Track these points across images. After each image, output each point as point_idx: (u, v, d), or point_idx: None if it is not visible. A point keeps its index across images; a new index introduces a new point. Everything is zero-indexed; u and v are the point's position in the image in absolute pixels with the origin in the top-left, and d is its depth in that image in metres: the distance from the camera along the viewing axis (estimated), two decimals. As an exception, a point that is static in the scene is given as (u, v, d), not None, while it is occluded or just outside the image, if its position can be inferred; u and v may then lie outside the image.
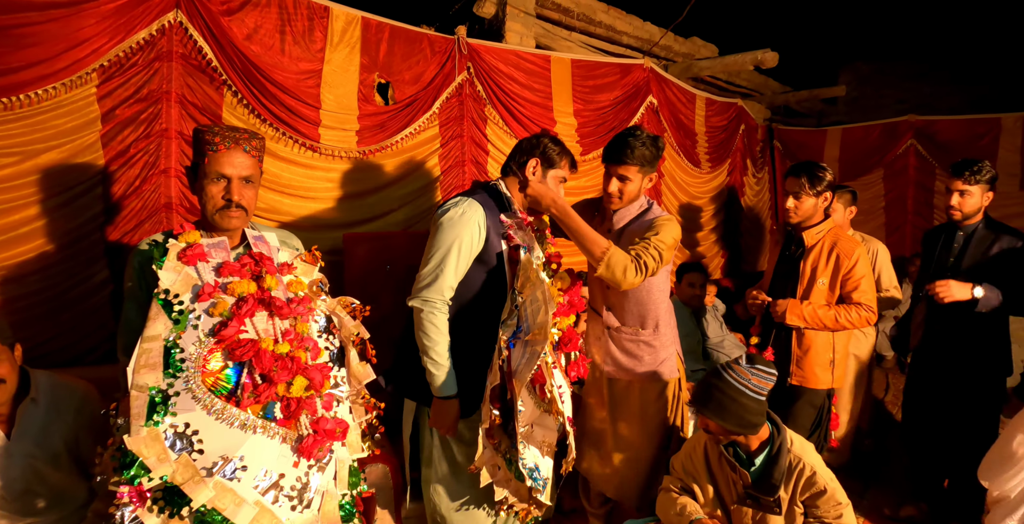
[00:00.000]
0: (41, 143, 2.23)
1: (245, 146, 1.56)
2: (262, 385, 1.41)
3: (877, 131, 5.83)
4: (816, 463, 1.86)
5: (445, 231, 1.84)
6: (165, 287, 1.42)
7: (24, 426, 1.72)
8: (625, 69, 4.10)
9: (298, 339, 1.55)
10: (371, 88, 2.98)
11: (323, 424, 1.49)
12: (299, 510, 1.42)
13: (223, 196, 1.53)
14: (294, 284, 1.61)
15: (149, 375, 1.31)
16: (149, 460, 1.25)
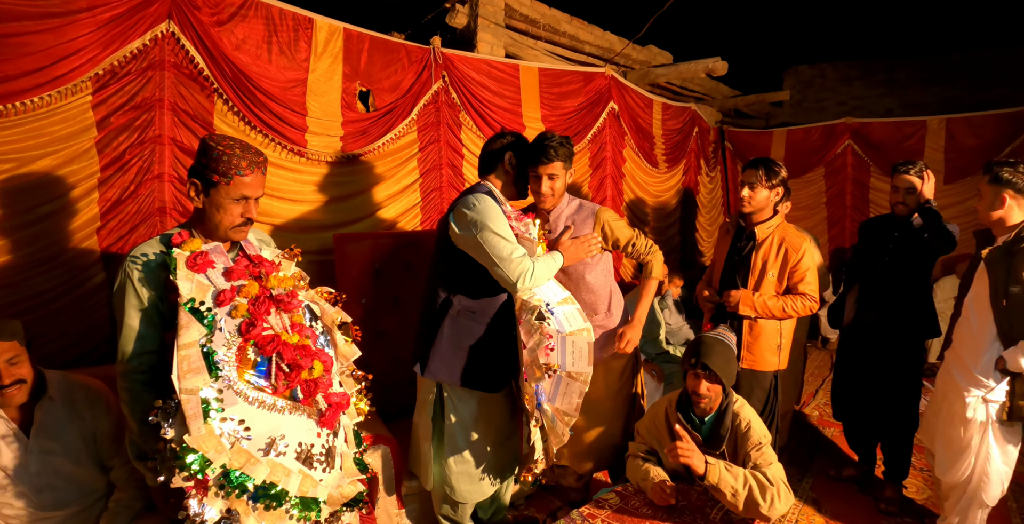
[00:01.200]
0: (37, 149, 2.28)
1: (263, 169, 1.68)
2: (292, 373, 1.58)
3: (818, 132, 6.26)
4: (753, 419, 2.14)
5: (489, 215, 2.07)
6: (189, 296, 1.51)
7: (43, 424, 1.80)
8: (588, 77, 4.34)
9: (301, 329, 1.70)
10: (353, 96, 3.12)
11: (334, 398, 1.68)
12: (328, 471, 1.62)
13: (242, 214, 1.64)
14: (283, 280, 1.73)
15: (196, 378, 1.43)
16: (209, 453, 1.39)
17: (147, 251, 1.62)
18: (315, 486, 1.57)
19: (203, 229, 1.69)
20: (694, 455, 1.98)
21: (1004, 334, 2.22)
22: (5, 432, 1.76)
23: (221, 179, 1.60)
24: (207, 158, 1.60)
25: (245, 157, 1.61)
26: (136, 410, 1.59)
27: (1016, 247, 2.18)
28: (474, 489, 2.32)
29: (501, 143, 2.30)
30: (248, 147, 1.65)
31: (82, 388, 1.92)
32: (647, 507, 2.11)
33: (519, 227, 2.19)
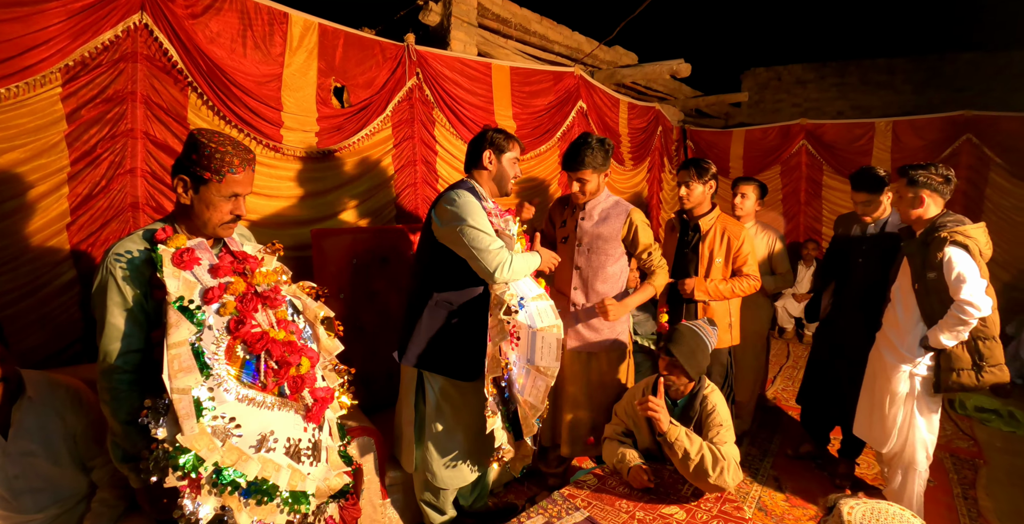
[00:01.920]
0: (4, 142, 2.22)
1: (253, 166, 1.67)
2: (280, 370, 1.59)
3: (774, 132, 6.49)
4: (719, 404, 2.30)
5: (468, 211, 2.15)
6: (178, 294, 1.49)
7: (21, 425, 1.76)
8: (558, 76, 4.41)
9: (286, 325, 1.71)
10: (328, 92, 3.11)
11: (319, 393, 1.70)
12: (315, 465, 1.65)
13: (231, 211, 1.63)
14: (267, 275, 1.73)
15: (187, 377, 1.42)
16: (201, 451, 1.40)
17: (130, 248, 1.58)
18: (303, 480, 1.59)
19: (187, 224, 1.66)
20: (661, 412, 2.16)
21: (926, 315, 2.46)
22: (-19, 434, 1.72)
23: (213, 176, 1.57)
24: (198, 155, 1.57)
25: (237, 155, 1.59)
26: (120, 411, 1.56)
27: (930, 238, 2.42)
28: (454, 475, 2.38)
29: (480, 141, 2.38)
30: (238, 144, 1.63)
31: (61, 388, 1.89)
32: (624, 487, 2.23)
33: (499, 223, 2.26)
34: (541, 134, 4.29)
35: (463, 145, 3.78)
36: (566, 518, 2.04)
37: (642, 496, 2.17)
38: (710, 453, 2.11)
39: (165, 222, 1.68)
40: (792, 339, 6.16)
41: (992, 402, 4.15)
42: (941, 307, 2.39)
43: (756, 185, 3.61)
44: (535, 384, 2.20)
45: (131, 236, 1.62)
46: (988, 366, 2.40)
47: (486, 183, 2.38)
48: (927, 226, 2.49)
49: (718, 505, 2.14)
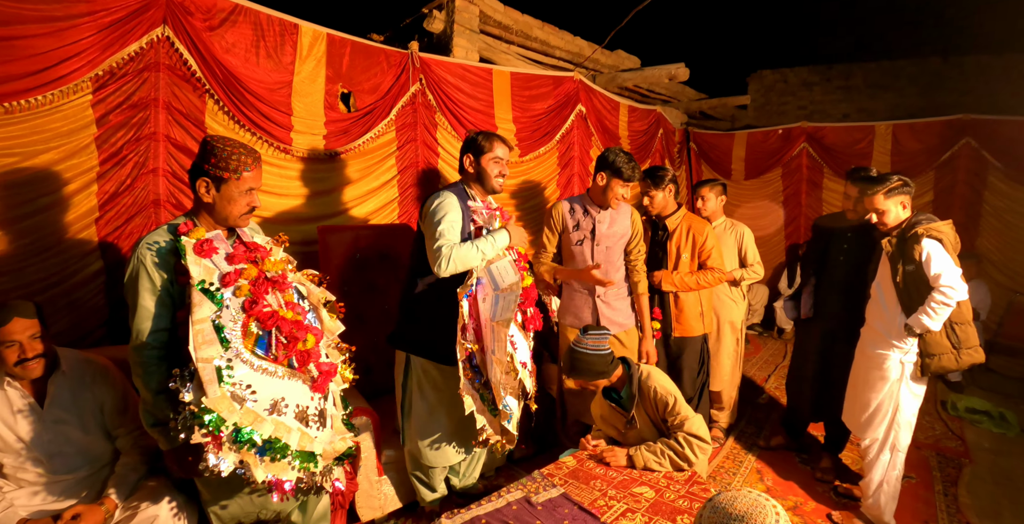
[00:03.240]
0: (40, 144, 2.44)
1: (260, 164, 1.93)
2: (289, 344, 1.83)
3: (776, 135, 6.60)
4: (661, 384, 2.50)
5: (436, 210, 2.34)
6: (200, 278, 1.73)
7: (56, 396, 1.99)
8: (557, 81, 4.58)
9: (293, 306, 1.94)
10: (335, 97, 3.32)
11: (324, 367, 1.95)
12: (321, 429, 1.89)
13: (248, 203, 1.90)
14: (276, 264, 1.96)
15: (210, 349, 1.66)
16: (223, 412, 1.63)
17: (157, 239, 1.83)
18: (312, 442, 1.82)
19: (205, 219, 1.91)
20: (618, 457, 2.42)
21: (905, 305, 2.64)
22: (21, 404, 1.94)
23: (232, 175, 1.84)
24: (216, 158, 1.83)
25: (249, 155, 1.86)
26: (151, 382, 1.80)
27: (907, 235, 2.62)
28: (438, 455, 2.57)
29: (464, 146, 2.56)
30: (245, 146, 1.89)
31: (91, 364, 2.11)
32: (600, 468, 2.40)
33: (483, 220, 2.44)
34: (540, 137, 4.48)
35: (464, 147, 3.99)
36: (543, 494, 2.21)
37: (615, 477, 2.34)
38: (672, 451, 2.37)
39: (186, 217, 1.93)
40: (791, 340, 6.24)
41: (984, 404, 4.22)
42: (919, 296, 2.56)
43: (712, 186, 3.82)
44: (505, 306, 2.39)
45: (157, 230, 1.87)
46: (965, 348, 2.57)
47: (473, 185, 2.55)
48: (904, 224, 2.67)
49: (687, 486, 2.29)
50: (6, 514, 1.81)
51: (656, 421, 2.51)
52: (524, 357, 2.52)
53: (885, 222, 2.70)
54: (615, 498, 2.20)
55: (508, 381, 2.41)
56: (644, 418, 2.52)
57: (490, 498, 2.17)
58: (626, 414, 2.52)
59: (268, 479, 1.70)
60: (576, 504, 2.15)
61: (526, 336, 2.59)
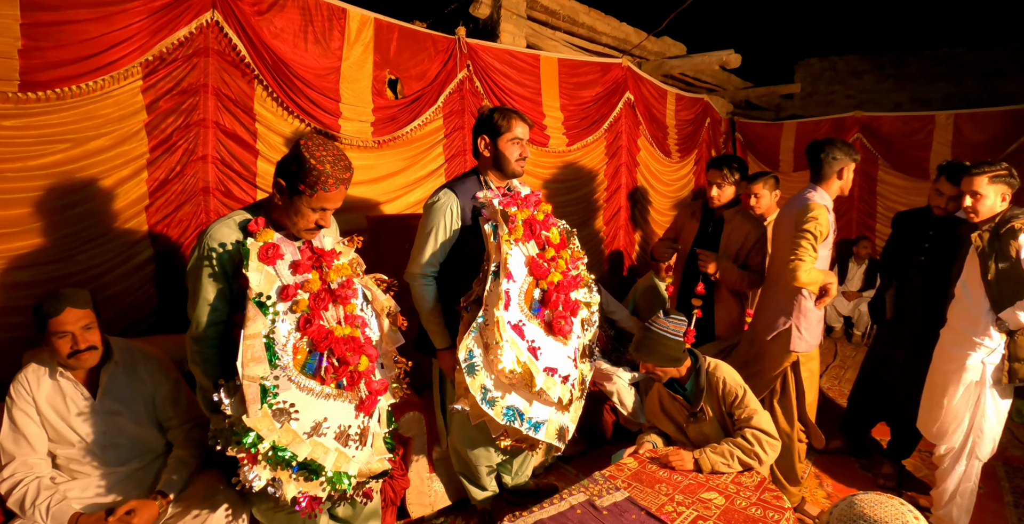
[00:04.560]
0: (91, 131, 2.41)
1: (347, 184, 1.76)
2: (340, 367, 1.76)
3: (827, 125, 6.33)
4: (730, 376, 2.37)
5: (426, 219, 2.26)
6: (258, 290, 1.65)
7: (108, 387, 1.95)
8: (605, 68, 4.44)
9: (352, 319, 1.85)
10: (383, 83, 3.24)
11: (374, 385, 1.86)
12: (360, 449, 1.82)
13: (316, 221, 1.76)
14: (342, 268, 1.86)
15: (257, 367, 1.60)
16: (262, 431, 1.59)
17: (226, 233, 1.73)
18: (348, 462, 1.77)
19: (277, 216, 1.80)
20: (684, 460, 2.28)
21: (995, 304, 2.46)
22: (74, 394, 1.91)
23: (307, 189, 1.68)
24: (297, 166, 1.67)
25: (334, 174, 1.67)
26: (210, 371, 1.76)
27: (1001, 230, 2.44)
28: (480, 454, 2.47)
29: (476, 126, 2.33)
30: (339, 160, 1.70)
31: (143, 354, 2.07)
32: (664, 471, 2.28)
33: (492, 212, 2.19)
34: (588, 125, 4.35)
35: (511, 136, 3.87)
36: (606, 497, 2.10)
37: (680, 481, 2.23)
38: (740, 450, 2.25)
39: (259, 209, 1.82)
40: (840, 338, 6.02)
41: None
42: (1012, 295, 2.40)
43: (765, 181, 3.59)
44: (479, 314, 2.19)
45: (228, 220, 1.76)
46: None
47: (489, 169, 2.35)
48: (997, 219, 2.50)
49: (757, 493, 2.16)
50: (60, 508, 1.78)
51: (722, 415, 2.38)
52: (553, 363, 2.23)
53: (978, 210, 2.51)
54: (683, 504, 2.08)
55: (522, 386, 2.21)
56: (710, 412, 2.40)
57: (551, 500, 2.07)
58: (691, 407, 2.40)
59: (298, 495, 1.67)
60: (643, 509, 2.04)
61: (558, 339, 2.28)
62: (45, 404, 1.89)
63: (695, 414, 2.40)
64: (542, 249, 2.26)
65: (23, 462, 1.84)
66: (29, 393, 1.88)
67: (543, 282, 2.23)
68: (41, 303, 1.84)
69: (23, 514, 1.78)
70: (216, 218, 2.68)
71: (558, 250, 2.31)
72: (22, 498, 1.78)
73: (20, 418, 1.86)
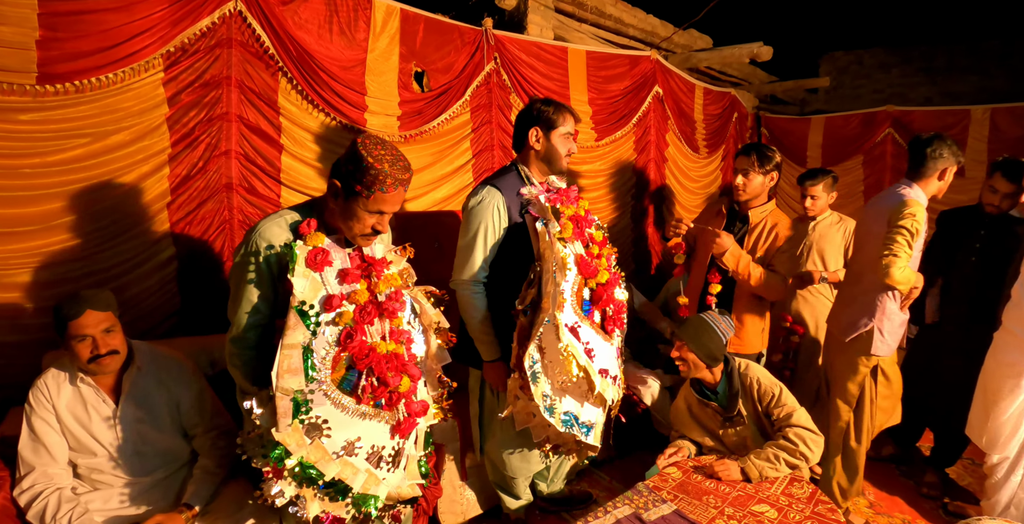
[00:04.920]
0: (112, 125, 2.32)
1: (406, 186, 1.61)
2: (379, 388, 1.63)
3: (857, 120, 6.14)
4: (763, 375, 2.28)
5: (469, 220, 2.12)
6: (301, 298, 1.55)
7: (131, 393, 1.86)
8: (634, 60, 4.31)
9: (398, 334, 1.73)
10: (409, 76, 3.13)
11: (414, 407, 1.74)
12: (393, 471, 1.71)
13: (373, 225, 1.62)
14: (391, 279, 1.74)
15: (292, 380, 1.50)
16: (290, 446, 1.50)
17: (276, 235, 1.62)
18: (377, 484, 1.66)
19: (330, 219, 1.68)
20: (730, 470, 2.17)
21: None
22: (95, 401, 1.82)
23: (363, 190, 1.55)
24: (354, 165, 1.55)
25: (392, 174, 1.54)
26: (249, 375, 1.67)
27: None
28: (522, 465, 2.38)
29: (526, 117, 2.22)
30: (397, 160, 1.58)
31: (167, 359, 1.98)
32: (710, 481, 2.17)
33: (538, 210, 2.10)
34: (617, 120, 4.21)
35: (538, 130, 3.75)
36: (653, 510, 1.99)
37: (729, 492, 2.12)
38: (785, 453, 2.15)
39: (311, 210, 1.69)
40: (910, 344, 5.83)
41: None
42: None
43: (824, 181, 3.36)
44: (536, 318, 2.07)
45: (279, 219, 1.65)
46: None
47: (534, 164, 2.24)
48: None
49: (811, 505, 2.05)
50: (82, 521, 1.69)
51: (758, 416, 2.28)
52: (605, 364, 2.15)
53: None
54: (734, 517, 1.98)
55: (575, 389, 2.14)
56: (746, 415, 2.29)
57: (596, 514, 1.97)
58: (726, 412, 2.30)
59: (321, 515, 1.60)
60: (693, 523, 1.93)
61: (607, 339, 2.20)
62: (65, 411, 1.80)
63: (731, 418, 2.29)
64: (586, 247, 2.16)
65: (43, 472, 1.75)
66: (49, 400, 1.79)
67: (592, 281, 2.13)
68: (61, 305, 1.75)
69: (44, 528, 1.69)
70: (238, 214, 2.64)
71: (600, 247, 2.22)
72: (42, 511, 1.69)
73: (40, 426, 1.77)
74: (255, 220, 2.69)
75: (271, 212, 2.64)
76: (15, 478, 1.77)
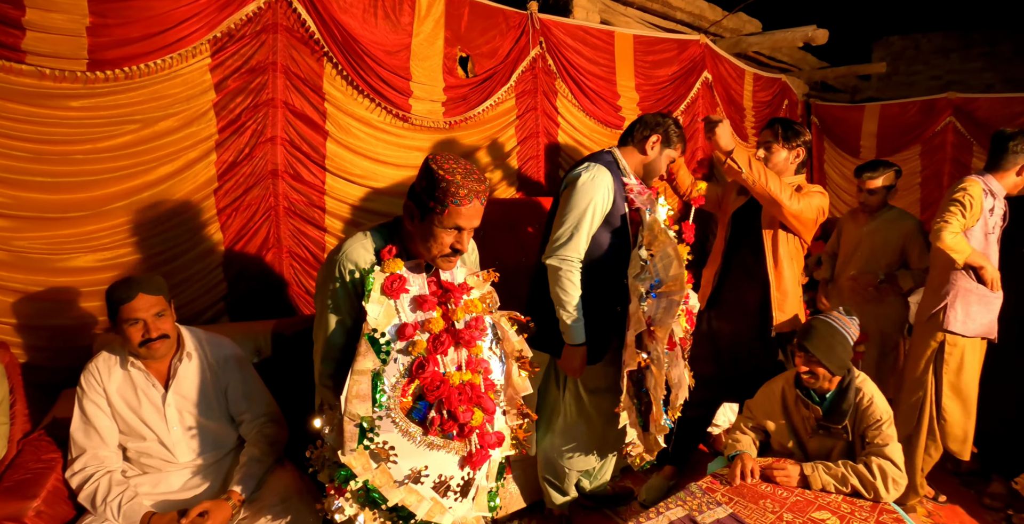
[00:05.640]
0: (159, 111, 2.33)
1: (482, 198, 1.52)
2: (449, 422, 1.56)
3: (916, 108, 5.85)
4: (877, 395, 2.11)
5: (580, 194, 2.02)
6: (373, 326, 1.52)
7: (180, 378, 1.86)
8: (682, 45, 4.16)
9: (476, 363, 1.66)
10: (454, 61, 3.07)
11: (487, 439, 1.66)
12: (460, 501, 1.65)
13: (452, 244, 1.54)
14: (471, 305, 1.66)
15: (360, 405, 1.49)
16: (356, 469, 1.49)
17: (361, 257, 1.58)
18: (443, 513, 1.61)
19: (410, 243, 1.62)
20: (790, 474, 2.06)
21: None
22: (145, 385, 1.82)
23: (436, 206, 1.48)
24: (427, 181, 1.49)
25: (464, 185, 1.46)
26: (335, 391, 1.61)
27: None
28: (581, 460, 2.33)
29: (656, 123, 2.20)
30: (470, 173, 1.50)
31: (215, 345, 1.97)
32: (766, 485, 2.07)
33: (641, 201, 2.10)
34: (664, 107, 4.08)
35: (584, 117, 3.66)
36: (707, 512, 1.91)
37: (786, 497, 2.01)
38: (858, 479, 2.00)
39: (393, 234, 1.64)
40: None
41: None
42: None
43: (886, 174, 3.09)
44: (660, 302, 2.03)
45: (364, 241, 1.61)
46: None
47: (634, 163, 2.21)
48: None
49: (875, 514, 1.93)
50: (131, 506, 1.69)
51: (854, 434, 2.13)
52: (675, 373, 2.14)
53: None
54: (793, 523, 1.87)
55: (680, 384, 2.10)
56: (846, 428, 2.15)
57: (648, 515, 1.89)
58: (828, 422, 2.12)
59: None
60: (749, 528, 1.84)
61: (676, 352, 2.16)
62: (116, 395, 1.80)
63: (829, 429, 2.13)
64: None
65: (94, 455, 1.76)
66: (100, 384, 1.80)
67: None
68: (113, 288, 1.75)
69: (94, 510, 1.70)
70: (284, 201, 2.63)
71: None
72: (93, 493, 1.70)
73: (91, 409, 1.78)
74: (301, 207, 2.69)
75: (316, 200, 2.72)
76: (67, 460, 1.78)
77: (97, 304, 2.32)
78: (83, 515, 1.73)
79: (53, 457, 1.81)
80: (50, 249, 2.23)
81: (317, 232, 2.75)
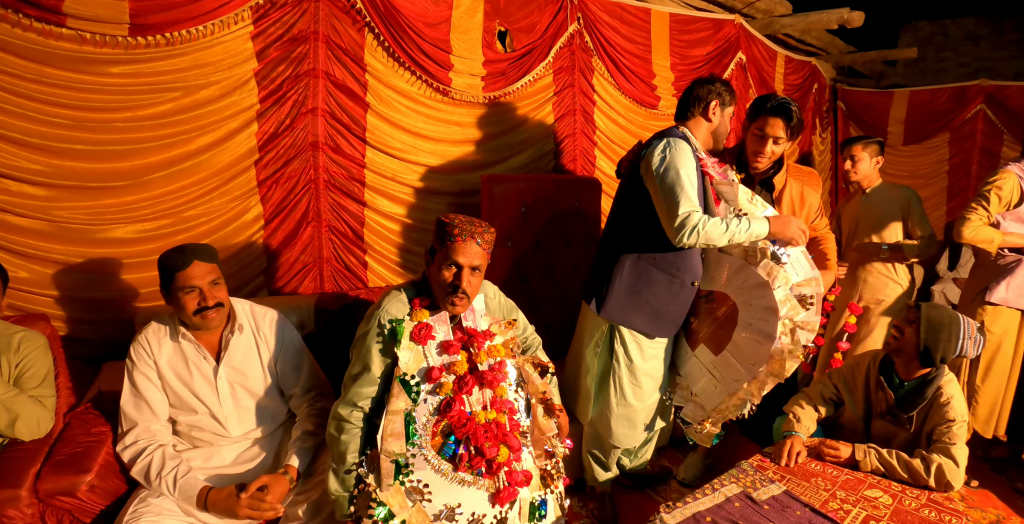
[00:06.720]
0: (201, 79, 2.28)
1: (479, 240, 1.68)
2: (476, 458, 1.64)
3: (946, 94, 5.75)
4: (956, 398, 2.04)
5: (673, 160, 1.98)
6: (404, 370, 1.65)
7: (231, 350, 1.82)
8: (718, 25, 4.08)
9: (501, 404, 1.74)
10: (493, 35, 3.00)
11: (515, 476, 1.71)
12: None
13: (452, 281, 1.67)
14: (493, 350, 1.78)
15: (395, 443, 1.60)
16: (393, 507, 1.57)
17: (398, 309, 1.72)
18: None
19: (434, 293, 1.75)
20: (841, 452, 2.04)
21: None
22: (196, 358, 1.78)
23: (439, 247, 1.70)
24: (436, 230, 1.73)
25: (459, 225, 1.67)
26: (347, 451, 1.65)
27: None
28: (630, 434, 2.30)
29: (708, 89, 2.14)
30: (473, 221, 1.70)
31: (265, 316, 1.93)
32: (816, 463, 2.04)
33: (717, 173, 2.08)
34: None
35: (620, 96, 3.59)
36: (762, 489, 1.88)
37: (837, 476, 1.99)
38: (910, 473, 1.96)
39: (423, 287, 1.79)
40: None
41: None
42: None
43: (867, 144, 3.05)
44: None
45: (401, 295, 1.75)
46: None
47: (702, 135, 2.16)
48: None
49: (926, 493, 1.91)
50: (187, 480, 1.65)
51: (920, 427, 2.09)
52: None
53: None
54: (847, 501, 1.84)
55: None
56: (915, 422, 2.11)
57: (703, 490, 1.86)
58: (897, 410, 2.10)
59: None
60: (807, 505, 1.81)
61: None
62: (167, 367, 1.76)
63: (896, 416, 2.11)
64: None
65: (145, 428, 1.72)
66: (150, 356, 1.75)
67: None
68: (166, 255, 1.70)
69: (148, 485, 1.66)
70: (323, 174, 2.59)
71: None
72: (147, 468, 1.66)
73: (141, 382, 1.74)
74: (340, 180, 2.65)
75: (356, 173, 2.68)
76: (116, 433, 1.75)
77: (138, 276, 2.30)
78: (136, 489, 1.70)
79: (103, 430, 1.78)
80: (90, 219, 2.20)
81: (356, 206, 2.70)
